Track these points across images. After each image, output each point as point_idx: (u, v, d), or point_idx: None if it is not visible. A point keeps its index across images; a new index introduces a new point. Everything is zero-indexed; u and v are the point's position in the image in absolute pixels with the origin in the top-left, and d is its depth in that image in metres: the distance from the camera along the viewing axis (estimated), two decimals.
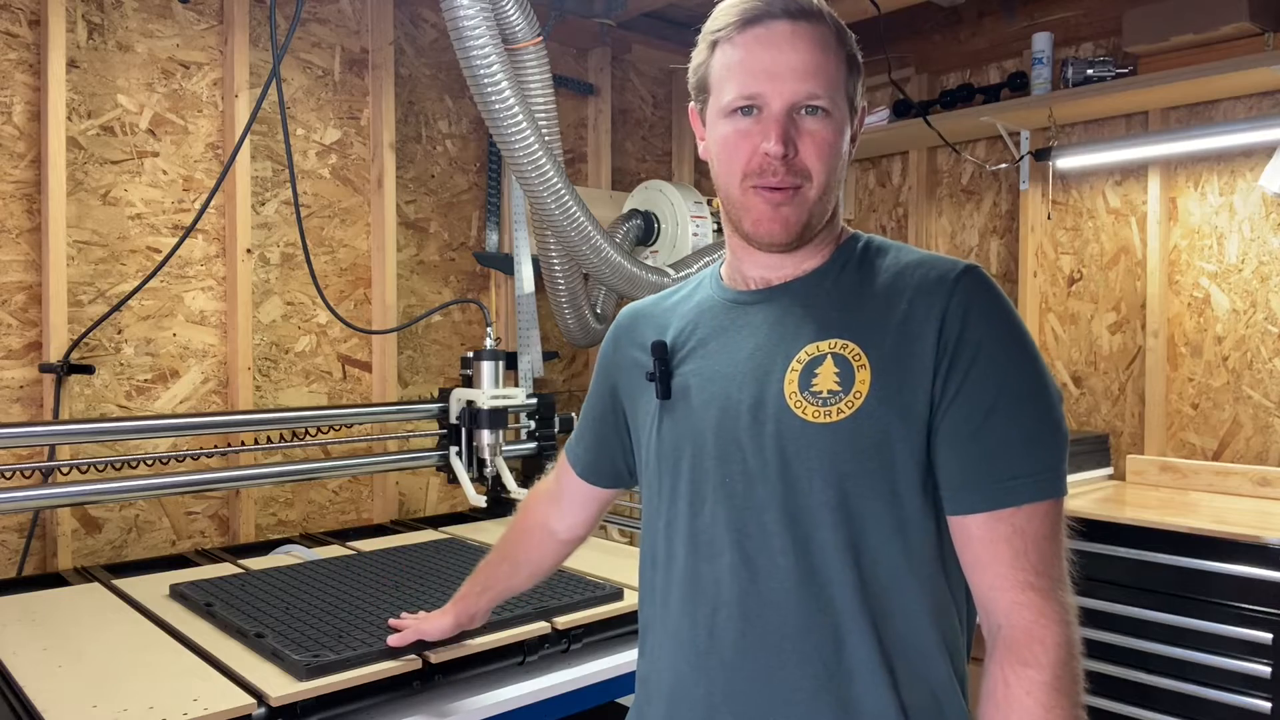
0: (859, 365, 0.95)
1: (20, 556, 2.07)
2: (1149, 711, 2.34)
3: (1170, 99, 2.81)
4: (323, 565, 1.89)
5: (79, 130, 2.19)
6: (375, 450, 2.63)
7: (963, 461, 0.92)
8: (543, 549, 1.35)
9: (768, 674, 0.95)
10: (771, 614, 0.95)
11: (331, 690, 1.28)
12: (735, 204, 1.02)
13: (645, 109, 3.44)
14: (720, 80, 1.00)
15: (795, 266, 1.04)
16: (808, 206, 0.99)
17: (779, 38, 0.97)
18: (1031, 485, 0.91)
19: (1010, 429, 0.91)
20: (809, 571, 0.94)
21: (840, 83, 0.99)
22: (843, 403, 0.94)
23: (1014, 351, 0.94)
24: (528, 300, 2.79)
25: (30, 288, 2.13)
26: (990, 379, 0.92)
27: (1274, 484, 2.66)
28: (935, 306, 0.94)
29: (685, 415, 1.05)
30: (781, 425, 0.96)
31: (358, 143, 2.67)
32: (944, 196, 3.49)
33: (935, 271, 0.97)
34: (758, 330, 1.03)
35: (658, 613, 1.07)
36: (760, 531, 0.96)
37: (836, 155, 0.99)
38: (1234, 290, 2.81)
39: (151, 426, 2.02)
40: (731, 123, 0.99)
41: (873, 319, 0.97)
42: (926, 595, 0.95)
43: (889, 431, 0.93)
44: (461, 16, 2.04)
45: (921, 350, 0.93)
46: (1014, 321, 0.95)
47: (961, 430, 0.92)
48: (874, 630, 0.93)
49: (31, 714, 1.20)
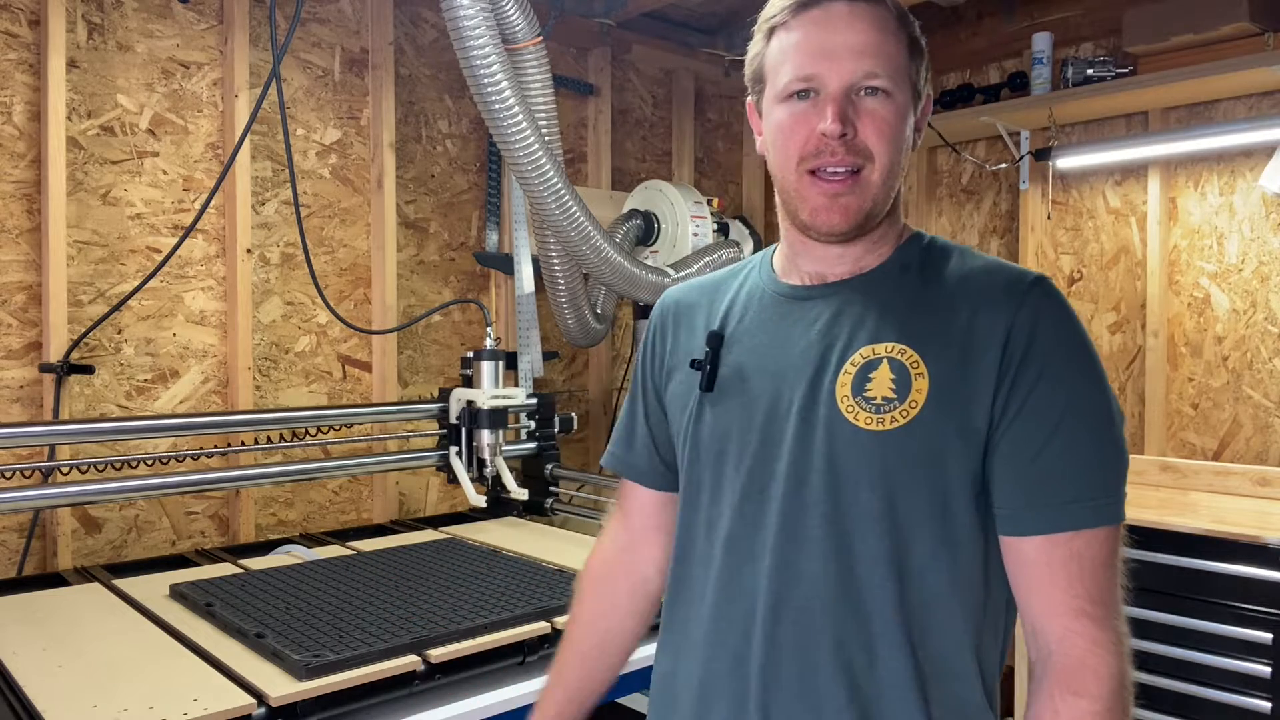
0: (916, 373, 0.91)
1: (20, 556, 2.07)
2: (1149, 711, 2.34)
3: (1170, 99, 2.81)
4: (323, 565, 1.89)
5: (79, 130, 2.19)
6: (375, 450, 2.63)
7: (1022, 482, 0.89)
8: (637, 602, 1.19)
9: (799, 682, 0.93)
10: (807, 621, 0.92)
11: (331, 690, 1.28)
12: (791, 193, 0.97)
13: (645, 109, 3.44)
14: (776, 66, 0.96)
15: (853, 262, 1.00)
16: (870, 192, 0.94)
17: (835, 18, 0.93)
18: (1091, 510, 0.88)
19: (1073, 451, 0.88)
20: (848, 581, 0.91)
21: (902, 65, 0.94)
22: (897, 411, 0.91)
23: (1081, 369, 0.90)
24: (528, 300, 2.79)
25: (30, 288, 2.13)
26: (1055, 398, 0.88)
27: (1274, 484, 2.66)
28: (1001, 318, 0.90)
29: (730, 409, 1.01)
30: (831, 429, 0.93)
31: (358, 143, 2.67)
32: (944, 196, 3.49)
33: (1002, 281, 0.94)
34: (810, 327, 0.99)
35: (689, 610, 1.03)
36: (802, 536, 0.93)
37: (899, 137, 0.94)
38: (1234, 290, 2.81)
39: (151, 426, 2.03)
40: (787, 107, 0.95)
41: (933, 326, 0.93)
42: (967, 614, 0.92)
43: (944, 444, 0.90)
44: (461, 16, 2.04)
45: (984, 363, 0.90)
46: (1082, 337, 0.92)
47: (1023, 450, 0.89)
48: (909, 646, 0.90)
49: (31, 714, 1.20)
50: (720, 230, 2.94)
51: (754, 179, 3.67)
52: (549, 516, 2.49)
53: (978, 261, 0.98)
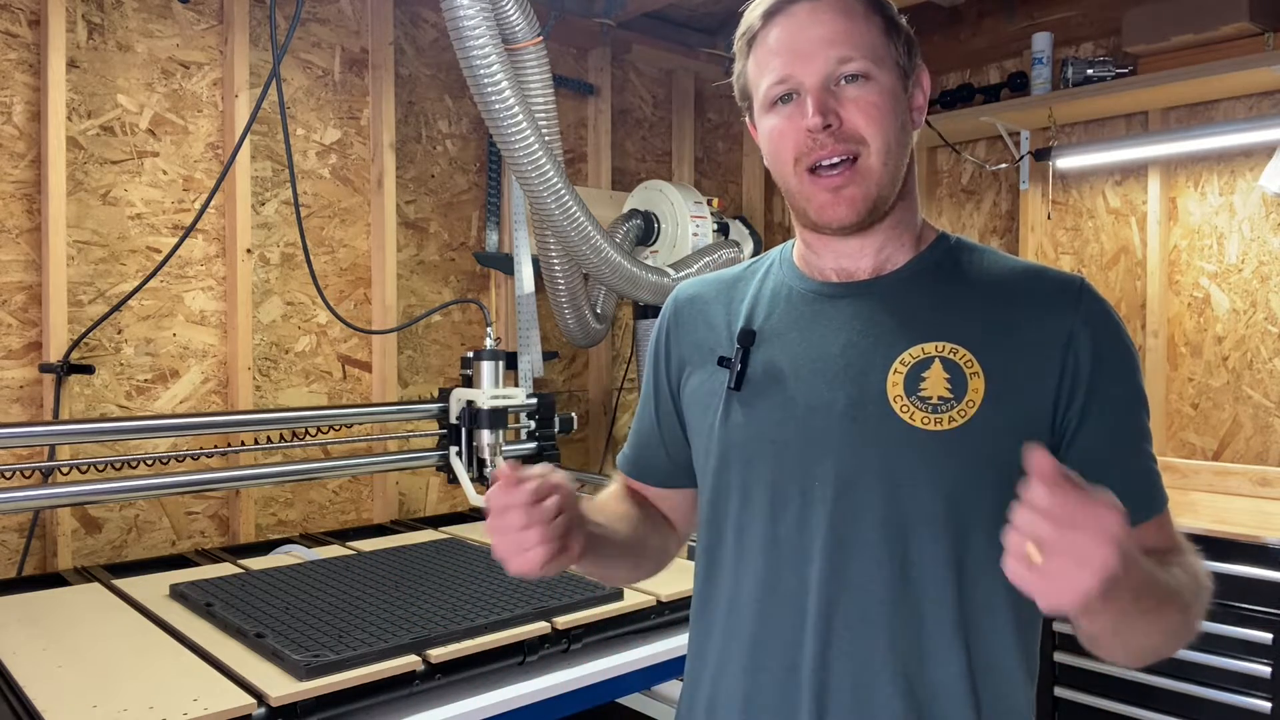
0: (971, 372, 0.91)
1: (20, 556, 2.07)
2: (1149, 711, 2.34)
3: (1170, 99, 2.81)
4: (323, 565, 1.89)
5: (79, 130, 2.19)
6: (375, 450, 2.63)
7: (1108, 485, 0.91)
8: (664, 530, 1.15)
9: (854, 690, 0.91)
10: (862, 627, 0.91)
11: (331, 690, 1.28)
12: (795, 194, 0.96)
13: (645, 109, 3.44)
14: (756, 78, 0.97)
15: (875, 255, 0.98)
16: (872, 178, 0.93)
17: (801, 18, 0.93)
18: (1160, 495, 0.93)
19: (1137, 446, 0.93)
20: (905, 584, 0.90)
21: (879, 45, 0.93)
22: (955, 410, 0.90)
23: (1135, 372, 0.94)
24: (528, 300, 2.79)
25: (30, 288, 2.13)
26: (1123, 403, 0.92)
27: (1274, 484, 2.66)
28: (1059, 322, 0.92)
29: (763, 410, 0.98)
30: (885, 429, 0.91)
31: (358, 143, 2.67)
32: (944, 196, 3.49)
33: (1049, 284, 0.95)
34: (848, 325, 0.97)
35: (722, 619, 1.00)
36: (856, 539, 0.91)
37: (890, 117, 0.93)
38: (1234, 290, 2.81)
39: (151, 426, 2.03)
40: (774, 114, 0.95)
41: (982, 326, 0.93)
42: (1017, 616, 0.92)
43: (1003, 444, 0.88)
44: (461, 16, 2.04)
45: (1043, 365, 0.91)
46: (1130, 340, 0.95)
47: (1101, 455, 0.90)
48: (964, 649, 0.90)
49: (31, 714, 1.20)
50: (720, 230, 2.94)
51: (754, 179, 3.67)
52: None
53: (1014, 262, 0.99)
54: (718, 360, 1.03)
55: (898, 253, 0.99)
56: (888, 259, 0.99)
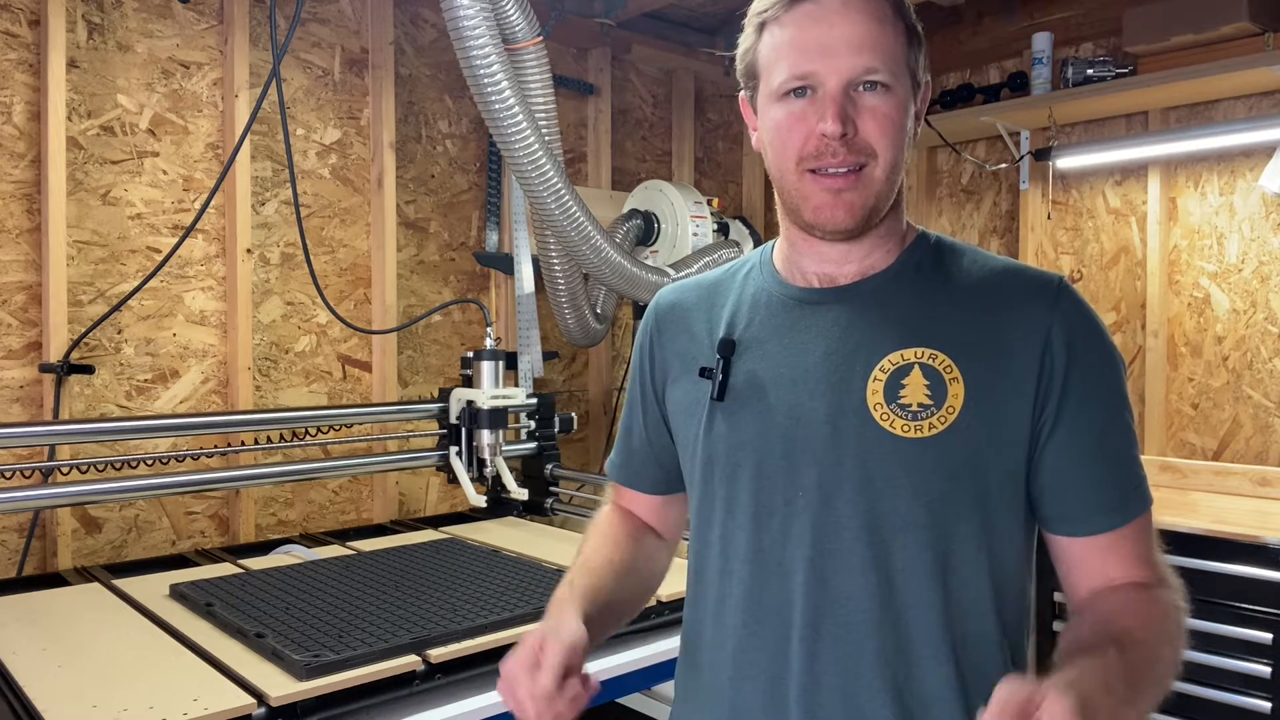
0: (950, 378, 0.90)
1: (20, 556, 2.07)
2: None
3: (1170, 99, 2.81)
4: (323, 565, 1.89)
5: (79, 130, 2.19)
6: (375, 450, 2.63)
7: (1080, 487, 0.91)
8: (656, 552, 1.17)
9: (843, 701, 0.90)
10: (848, 636, 0.90)
11: (331, 690, 1.28)
12: (791, 192, 0.94)
13: (645, 109, 3.44)
14: (770, 63, 0.93)
15: (859, 261, 0.97)
16: (874, 189, 0.91)
17: (830, 12, 0.89)
18: (1139, 498, 0.92)
19: (1119, 448, 0.92)
20: (890, 593, 0.90)
21: (900, 55, 0.91)
22: (934, 417, 0.89)
23: (1113, 370, 0.93)
24: (528, 300, 2.79)
25: (30, 288, 2.13)
26: (1100, 402, 0.91)
27: (1274, 484, 2.66)
28: (1036, 323, 0.91)
29: (745, 420, 0.97)
30: (865, 438, 0.91)
31: (358, 143, 2.67)
32: (944, 196, 3.49)
33: (1025, 284, 0.94)
34: (828, 333, 0.96)
35: (708, 631, 1.00)
36: (837, 549, 0.91)
37: (900, 131, 0.92)
38: (1234, 290, 2.81)
39: (151, 426, 2.03)
40: (784, 106, 0.92)
41: (960, 329, 0.92)
42: (1004, 618, 0.92)
43: (984, 449, 0.89)
44: (461, 16, 2.04)
45: (1020, 367, 0.90)
46: (1108, 337, 0.94)
47: (1081, 456, 0.91)
48: (951, 655, 0.89)
49: (31, 714, 1.20)
50: (720, 230, 2.94)
51: (754, 179, 3.67)
52: (549, 516, 2.49)
53: (993, 262, 0.97)
54: (700, 371, 1.02)
55: (880, 259, 0.98)
56: (870, 265, 0.98)
